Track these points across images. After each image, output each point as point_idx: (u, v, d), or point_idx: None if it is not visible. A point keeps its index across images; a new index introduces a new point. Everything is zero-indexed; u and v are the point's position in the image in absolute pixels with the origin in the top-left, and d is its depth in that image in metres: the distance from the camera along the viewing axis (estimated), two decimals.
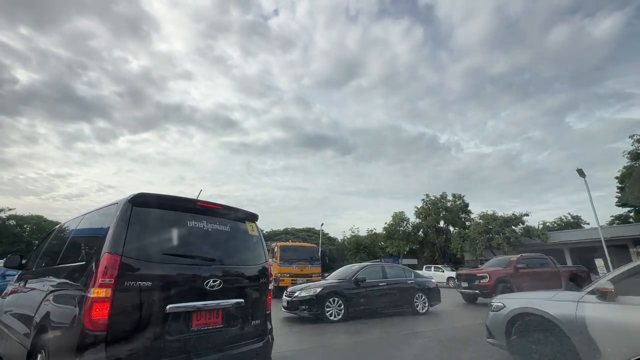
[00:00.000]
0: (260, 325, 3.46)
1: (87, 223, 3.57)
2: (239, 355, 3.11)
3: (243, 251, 3.63)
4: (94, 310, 2.37)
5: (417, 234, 43.61)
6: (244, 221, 3.74)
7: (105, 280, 2.45)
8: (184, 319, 2.81)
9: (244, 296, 3.31)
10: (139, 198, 2.90)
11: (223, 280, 3.12)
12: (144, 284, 2.62)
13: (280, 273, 14.99)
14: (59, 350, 2.53)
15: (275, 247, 16.42)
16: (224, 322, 3.09)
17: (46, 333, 2.80)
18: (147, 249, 2.79)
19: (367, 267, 9.47)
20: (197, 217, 3.23)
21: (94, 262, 2.63)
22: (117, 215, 2.76)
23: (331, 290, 8.19)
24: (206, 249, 3.24)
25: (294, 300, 8.13)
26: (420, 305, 9.34)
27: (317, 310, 7.84)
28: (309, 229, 61.99)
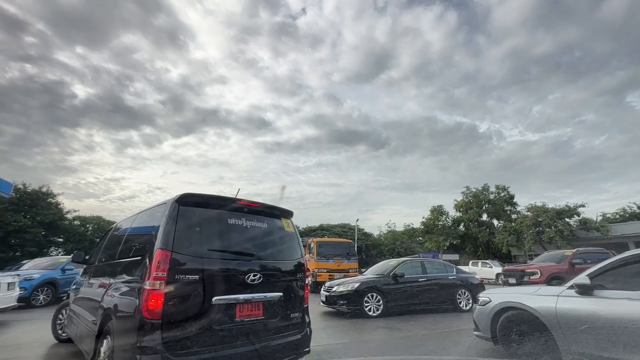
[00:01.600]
0: (298, 318, 3.57)
1: (140, 222, 3.86)
2: (279, 346, 3.23)
3: (280, 247, 3.74)
4: (150, 300, 2.59)
5: (458, 228, 41.72)
6: (279, 218, 3.85)
7: (158, 273, 2.67)
8: (229, 311, 2.96)
9: (283, 290, 3.43)
10: (184, 198, 3.09)
11: (263, 274, 3.25)
12: (192, 277, 2.81)
13: (317, 268, 15.13)
14: (123, 335, 2.76)
15: (312, 243, 16.60)
16: (265, 314, 3.21)
17: (111, 320, 3.08)
18: (194, 245, 2.99)
19: (406, 262, 9.26)
20: (236, 215, 3.37)
21: (148, 257, 2.86)
22: (166, 215, 2.97)
23: (369, 286, 8.13)
24: (246, 244, 3.37)
25: (333, 295, 8.19)
26: (464, 302, 8.95)
27: (356, 305, 7.83)
28: (344, 224, 61.94)
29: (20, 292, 9.26)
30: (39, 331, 5.84)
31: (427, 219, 42.54)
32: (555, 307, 3.60)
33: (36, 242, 32.19)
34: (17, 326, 7.09)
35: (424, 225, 42.84)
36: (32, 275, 10.09)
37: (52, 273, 10.66)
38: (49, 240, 35.55)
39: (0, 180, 19.72)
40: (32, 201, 33.71)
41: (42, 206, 34.26)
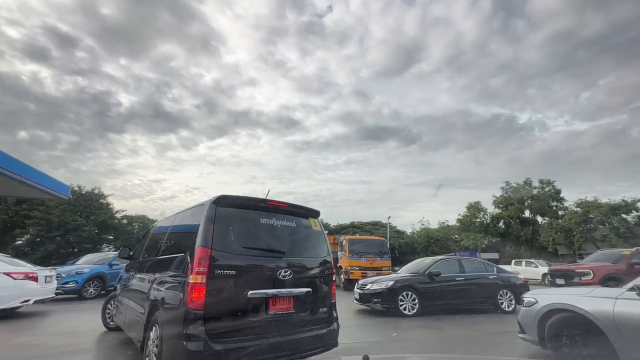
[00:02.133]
0: (326, 313, 3.70)
1: (179, 221, 4.13)
2: (309, 339, 3.38)
3: (308, 245, 3.90)
4: (193, 292, 2.80)
5: (497, 225, 39.64)
6: (307, 217, 4.00)
7: (200, 269, 2.88)
8: (263, 304, 3.14)
9: (311, 286, 3.57)
10: (221, 199, 3.30)
11: (293, 270, 3.40)
12: (229, 272, 3.01)
13: (349, 266, 15.07)
14: (170, 324, 3.00)
15: (344, 241, 16.55)
16: (295, 308, 3.37)
17: (158, 311, 3.34)
18: (230, 243, 3.20)
19: (442, 260, 8.96)
20: (268, 215, 3.56)
21: (189, 254, 3.08)
22: (205, 215, 3.17)
23: (404, 284, 7.97)
24: (277, 242, 3.55)
25: (366, 292, 8.13)
26: (506, 303, 8.50)
27: (390, 303, 7.73)
28: (376, 222, 61.13)
29: (72, 285, 10.17)
30: (93, 321, 6.38)
31: (463, 216, 40.85)
32: (613, 311, 3.35)
33: (91, 239, 35.20)
34: (72, 316, 7.80)
35: (460, 222, 41.19)
36: (82, 269, 10.94)
37: (100, 268, 11.49)
38: (101, 237, 38.77)
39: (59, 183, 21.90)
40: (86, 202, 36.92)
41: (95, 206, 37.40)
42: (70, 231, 34.01)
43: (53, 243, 32.59)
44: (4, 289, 6.67)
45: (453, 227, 43.38)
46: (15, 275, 6.84)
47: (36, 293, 7.23)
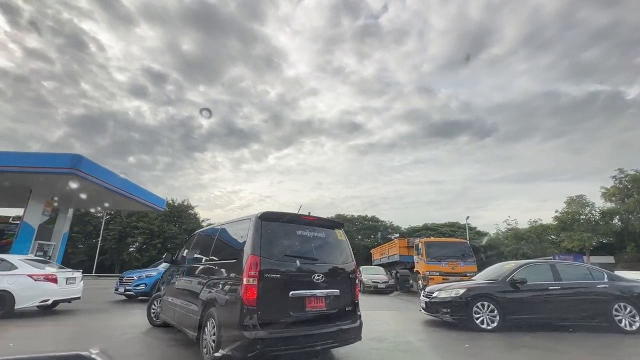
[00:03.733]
0: (352, 311, 4.22)
1: (226, 232, 4.71)
2: (338, 332, 3.91)
3: (335, 253, 4.40)
4: (247, 292, 3.41)
5: (610, 222, 32.57)
6: (333, 229, 4.56)
7: (252, 272, 3.49)
8: (301, 302, 3.73)
9: (339, 287, 4.09)
10: (265, 214, 3.96)
11: (324, 274, 3.97)
12: (274, 276, 3.62)
13: (428, 271, 13.86)
14: (227, 318, 3.55)
15: (420, 244, 15.30)
16: (327, 307, 3.91)
17: (212, 307, 3.90)
18: (274, 252, 3.79)
19: (529, 265, 7.42)
20: (302, 227, 4.19)
21: (241, 260, 3.68)
22: (252, 227, 3.82)
23: (479, 293, 6.82)
24: (310, 251, 4.14)
25: (433, 301, 7.21)
26: (626, 320, 6.59)
27: (463, 315, 6.68)
28: (452, 223, 56.23)
29: (142, 287, 11.06)
30: None
31: (562, 213, 34.62)
32: None
33: None
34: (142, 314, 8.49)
35: (558, 220, 35.03)
36: (152, 273, 11.85)
37: None
38: None
39: (157, 197, 25.38)
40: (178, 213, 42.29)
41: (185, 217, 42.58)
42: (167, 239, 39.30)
43: (155, 249, 38.01)
44: (25, 290, 7.14)
45: (549, 226, 37.13)
46: (35, 276, 7.32)
47: (55, 294, 7.57)
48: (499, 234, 42.93)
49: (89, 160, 16.93)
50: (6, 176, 16.03)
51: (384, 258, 23.40)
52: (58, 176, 16.01)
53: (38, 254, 18.81)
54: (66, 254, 30.98)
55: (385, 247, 24.29)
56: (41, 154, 16.51)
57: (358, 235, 62.40)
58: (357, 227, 62.84)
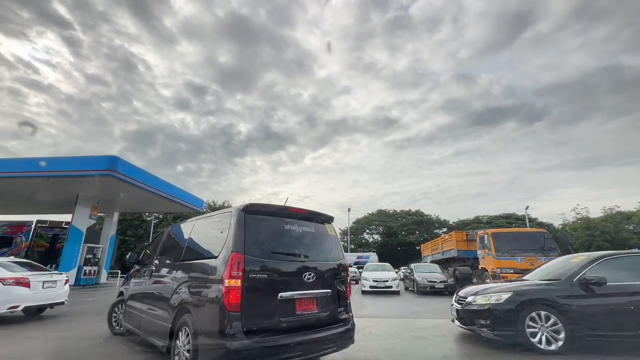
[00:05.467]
0: (343, 312, 3.84)
1: (203, 228, 4.19)
2: (330, 337, 3.50)
3: (326, 249, 4.01)
4: (230, 295, 2.96)
5: None
6: (323, 223, 4.17)
7: (235, 273, 3.05)
8: (291, 305, 3.32)
9: (330, 287, 3.74)
10: (249, 207, 3.49)
11: (315, 273, 3.59)
12: (261, 276, 3.19)
13: (499, 268, 11.59)
14: (205, 326, 3.08)
15: (486, 236, 12.97)
16: (318, 309, 3.55)
17: (187, 313, 3.38)
18: (260, 248, 3.35)
19: (608, 259, 5.20)
20: (290, 221, 3.76)
21: (222, 259, 3.21)
22: (234, 222, 3.36)
23: (533, 298, 4.91)
24: (300, 247, 3.72)
25: (467, 309, 5.43)
26: None
27: (508, 329, 4.83)
28: (508, 214, 50.68)
29: None
30: None
31: None
32: None
33: None
34: None
35: None
36: None
37: None
38: None
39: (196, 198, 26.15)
40: None
41: None
42: None
43: None
44: None
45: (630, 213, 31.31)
46: (4, 280, 6.59)
47: (27, 299, 6.82)
48: (566, 225, 37.42)
49: (125, 162, 17.46)
50: (52, 181, 17.15)
51: (436, 254, 21.42)
52: (98, 179, 16.77)
53: (87, 256, 20.06)
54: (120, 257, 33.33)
55: (438, 242, 22.22)
56: (80, 157, 17.36)
57: (402, 231, 59.27)
58: (400, 222, 59.68)
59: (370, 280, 14.50)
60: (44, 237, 20.63)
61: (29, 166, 16.64)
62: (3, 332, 6.04)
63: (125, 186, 18.06)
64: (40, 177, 16.54)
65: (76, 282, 18.27)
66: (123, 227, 37.74)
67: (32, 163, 16.72)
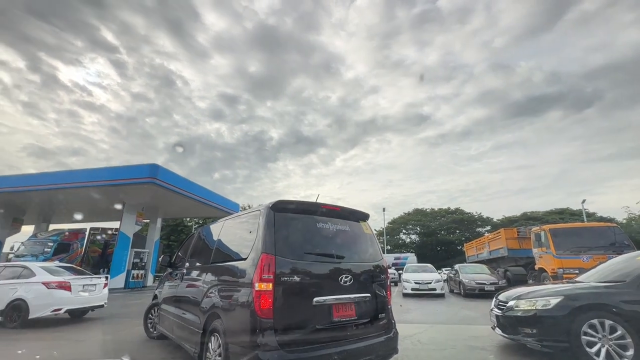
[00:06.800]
0: (385, 319, 3.52)
1: (232, 227, 4.03)
2: (372, 346, 3.18)
3: (361, 249, 3.69)
4: (261, 300, 2.73)
5: None
6: (358, 221, 3.87)
7: (265, 275, 2.80)
8: (327, 311, 3.04)
9: (369, 291, 3.41)
10: (278, 205, 3.26)
11: (352, 275, 3.27)
12: (294, 278, 2.92)
13: (561, 268, 10.38)
14: (236, 333, 2.89)
15: (542, 233, 11.79)
16: (357, 315, 3.23)
17: (217, 319, 3.22)
18: (291, 249, 3.09)
19: None
20: (323, 219, 3.47)
21: (252, 260, 3.00)
22: (263, 221, 3.14)
23: (589, 303, 4.17)
24: (335, 247, 3.41)
25: (509, 315, 4.78)
26: None
27: (559, 340, 4.15)
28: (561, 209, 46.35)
29: None
30: None
31: None
32: None
33: None
34: None
35: None
36: None
37: None
38: None
39: (231, 201, 27.13)
40: None
41: None
42: None
43: None
44: (38, 298, 6.81)
45: None
46: (49, 284, 6.94)
47: (68, 302, 7.15)
48: (633, 219, 33.30)
49: (164, 169, 18.51)
50: (102, 190, 18.64)
51: (482, 254, 20.14)
52: (141, 186, 17.98)
53: (135, 261, 21.47)
54: None
55: (484, 240, 20.85)
56: (125, 166, 18.69)
57: (441, 231, 56.64)
58: (439, 221, 57.08)
59: (412, 282, 13.82)
60: (96, 243, 22.39)
61: (82, 177, 18.22)
62: (52, 334, 6.43)
63: (166, 192, 19.12)
64: (92, 186, 18.02)
65: (125, 285, 19.59)
66: (167, 232, 40.04)
67: (84, 174, 18.29)
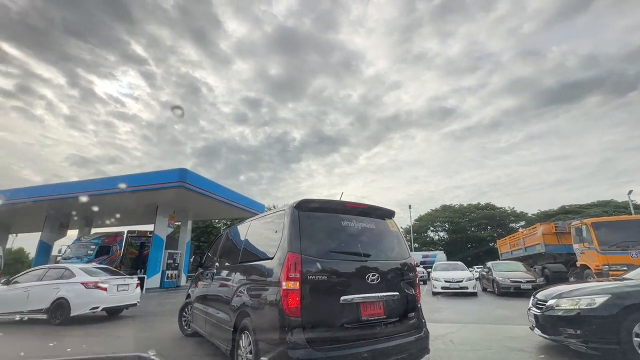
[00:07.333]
0: (414, 318, 3.48)
1: (258, 228, 4.11)
2: (402, 346, 3.14)
3: (389, 247, 3.67)
4: (289, 299, 2.78)
5: None
6: (384, 218, 3.84)
7: (292, 274, 2.85)
8: (355, 310, 3.03)
9: (398, 289, 3.39)
10: (302, 204, 3.30)
11: (379, 274, 3.25)
12: (320, 277, 2.93)
13: (606, 265, 9.74)
14: (266, 332, 2.94)
15: (584, 227, 11.07)
16: (386, 314, 3.20)
17: (247, 317, 3.29)
18: (317, 247, 3.11)
19: None
20: (347, 217, 3.47)
21: (278, 259, 3.06)
22: (288, 220, 3.19)
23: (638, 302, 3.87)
24: (361, 245, 3.40)
25: (549, 315, 4.49)
26: None
27: (608, 341, 3.84)
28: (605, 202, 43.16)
29: None
30: None
31: None
32: None
33: None
34: None
35: None
36: None
37: None
38: None
39: (256, 202, 27.73)
40: None
41: None
42: None
43: None
44: (78, 297, 7.37)
45: None
46: (87, 284, 7.51)
47: (105, 301, 7.66)
48: None
49: (193, 173, 19.28)
50: (137, 195, 19.73)
51: (517, 250, 19.20)
52: (172, 190, 18.85)
53: (168, 261, 22.50)
54: None
55: (518, 236, 19.85)
56: (156, 171, 19.65)
57: (471, 227, 54.56)
58: (469, 217, 55.01)
59: (442, 280, 13.35)
60: (133, 245, 23.66)
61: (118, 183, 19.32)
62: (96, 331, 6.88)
63: (194, 195, 19.88)
64: (127, 192, 19.08)
65: (161, 285, 20.56)
66: (197, 234, 41.57)
67: (120, 180, 19.40)
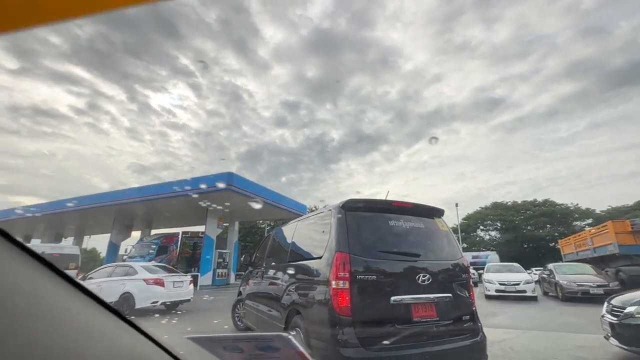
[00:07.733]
0: (470, 321, 3.37)
1: (305, 227, 4.17)
2: (457, 350, 3.04)
3: (439, 247, 3.60)
4: (339, 297, 2.80)
5: None
6: (432, 217, 3.75)
7: (341, 274, 2.87)
8: (406, 310, 2.97)
9: (450, 291, 3.29)
10: (348, 203, 3.32)
11: (430, 274, 3.18)
12: (370, 277, 2.92)
13: None
14: (317, 329, 2.97)
15: None
16: (438, 316, 3.10)
17: (298, 315, 3.37)
18: (365, 247, 3.11)
19: None
20: (395, 217, 3.41)
21: (327, 259, 3.08)
22: (335, 220, 3.22)
23: None
24: (410, 245, 3.38)
25: (627, 323, 3.98)
26: None
27: None
28: None
29: None
30: None
31: None
32: None
33: None
34: None
35: None
36: None
37: None
38: None
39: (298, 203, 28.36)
40: None
41: None
42: None
43: None
44: (141, 292, 8.10)
45: None
46: (147, 280, 8.26)
47: (162, 296, 8.37)
48: None
49: (238, 176, 20.34)
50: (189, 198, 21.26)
51: (584, 252, 17.56)
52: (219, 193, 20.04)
53: (219, 260, 23.87)
54: None
55: (584, 236, 18.04)
56: (205, 176, 21.09)
57: (527, 226, 50.20)
58: (524, 215, 50.66)
59: (496, 282, 12.46)
60: (187, 246, 25.44)
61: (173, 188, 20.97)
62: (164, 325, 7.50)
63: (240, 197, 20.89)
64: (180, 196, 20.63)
65: (213, 283, 21.87)
66: (243, 234, 43.48)
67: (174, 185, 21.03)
